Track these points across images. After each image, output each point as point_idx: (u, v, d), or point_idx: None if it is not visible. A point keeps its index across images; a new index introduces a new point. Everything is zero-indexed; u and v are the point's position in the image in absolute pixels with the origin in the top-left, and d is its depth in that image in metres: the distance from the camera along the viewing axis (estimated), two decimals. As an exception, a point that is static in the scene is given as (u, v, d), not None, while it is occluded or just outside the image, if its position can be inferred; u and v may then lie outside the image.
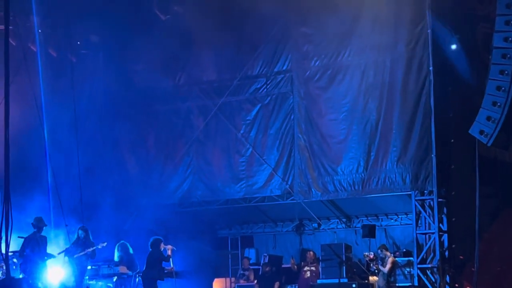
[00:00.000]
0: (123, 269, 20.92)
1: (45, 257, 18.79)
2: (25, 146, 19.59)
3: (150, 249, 19.52)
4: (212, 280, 24.90)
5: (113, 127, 24.70)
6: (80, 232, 19.25)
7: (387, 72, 21.32)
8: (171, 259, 19.39)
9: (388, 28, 21.21)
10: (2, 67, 12.07)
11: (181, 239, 21.88)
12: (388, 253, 20.30)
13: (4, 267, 16.64)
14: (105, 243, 19.49)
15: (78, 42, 22.92)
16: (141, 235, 21.07)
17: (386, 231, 23.26)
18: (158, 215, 23.20)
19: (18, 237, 17.78)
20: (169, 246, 19.45)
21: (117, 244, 21.33)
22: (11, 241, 12.12)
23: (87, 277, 20.20)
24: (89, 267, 20.38)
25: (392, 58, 21.26)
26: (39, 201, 19.56)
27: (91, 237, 19.31)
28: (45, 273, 18.94)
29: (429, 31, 20.55)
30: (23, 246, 18.71)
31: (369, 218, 23.59)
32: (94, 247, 19.22)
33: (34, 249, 18.66)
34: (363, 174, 21.47)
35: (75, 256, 19.03)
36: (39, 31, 21.09)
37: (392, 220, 23.42)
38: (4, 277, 17.40)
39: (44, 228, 18.83)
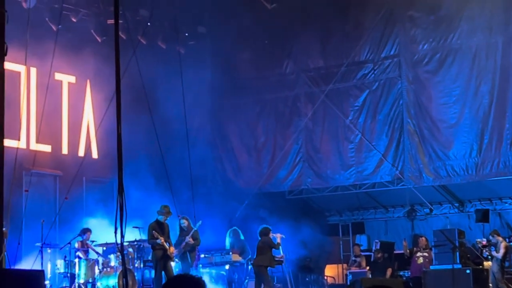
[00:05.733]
0: (235, 257, 21.07)
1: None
2: (136, 138, 19.87)
3: (260, 238, 19.59)
4: (324, 267, 24.91)
5: (221, 117, 24.98)
6: (181, 221, 18.87)
7: (499, 54, 20.95)
8: (280, 247, 19.40)
9: (499, 8, 20.78)
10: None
11: (291, 227, 21.91)
12: (500, 238, 19.84)
13: (120, 257, 17.00)
14: (200, 222, 18.98)
15: (186, 34, 23.16)
16: (251, 223, 21.18)
17: (500, 215, 22.83)
18: (268, 203, 23.32)
19: (133, 227, 17.94)
20: (278, 234, 19.42)
21: (229, 230, 21.49)
22: (125, 231, 12.45)
23: (200, 265, 20.35)
24: (202, 256, 20.55)
25: (504, 39, 20.85)
26: (151, 192, 19.79)
27: (192, 225, 18.82)
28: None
29: (542, 9, 20.05)
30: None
31: (482, 202, 23.18)
32: (193, 230, 18.62)
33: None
34: (476, 159, 21.13)
35: (181, 247, 18.67)
36: (148, 24, 21.41)
37: (506, 204, 22.99)
38: (121, 267, 17.76)
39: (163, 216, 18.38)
